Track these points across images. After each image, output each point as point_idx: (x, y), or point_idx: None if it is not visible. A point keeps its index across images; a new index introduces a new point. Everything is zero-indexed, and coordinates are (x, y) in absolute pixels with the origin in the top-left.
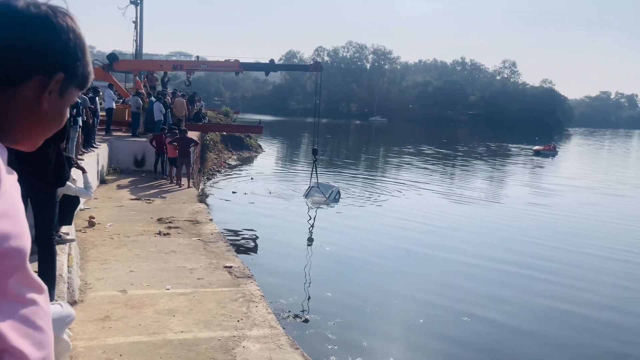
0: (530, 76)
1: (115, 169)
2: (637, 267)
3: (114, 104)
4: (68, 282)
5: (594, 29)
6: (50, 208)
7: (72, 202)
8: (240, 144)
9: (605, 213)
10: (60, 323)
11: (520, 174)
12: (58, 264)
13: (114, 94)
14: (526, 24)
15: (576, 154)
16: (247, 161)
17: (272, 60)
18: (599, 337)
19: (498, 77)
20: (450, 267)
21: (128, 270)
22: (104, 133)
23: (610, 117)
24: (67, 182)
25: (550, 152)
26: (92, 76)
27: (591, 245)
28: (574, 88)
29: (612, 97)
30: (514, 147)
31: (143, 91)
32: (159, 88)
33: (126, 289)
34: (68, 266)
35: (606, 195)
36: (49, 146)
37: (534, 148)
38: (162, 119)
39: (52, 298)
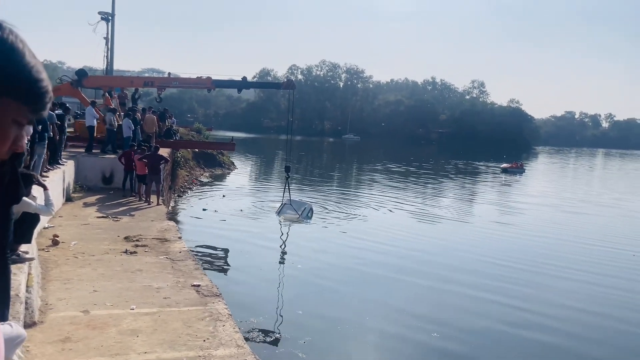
0: (498, 96)
1: (82, 186)
2: (591, 287)
3: (95, 122)
4: (26, 303)
5: (558, 51)
6: (3, 225)
7: (31, 219)
8: (212, 161)
9: (568, 232)
10: (10, 344)
11: (487, 192)
12: (15, 283)
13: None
14: (494, 45)
15: (542, 171)
16: (219, 178)
17: (244, 78)
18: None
19: (467, 97)
20: (418, 288)
21: (92, 289)
22: (82, 150)
23: (575, 136)
24: (27, 200)
25: (518, 170)
26: (43, 94)
27: (551, 266)
28: (540, 108)
29: (576, 116)
30: (483, 165)
31: (116, 107)
32: (129, 104)
33: (89, 309)
34: (27, 286)
35: (570, 213)
36: (2, 163)
37: (502, 166)
38: (131, 135)
39: (5, 318)
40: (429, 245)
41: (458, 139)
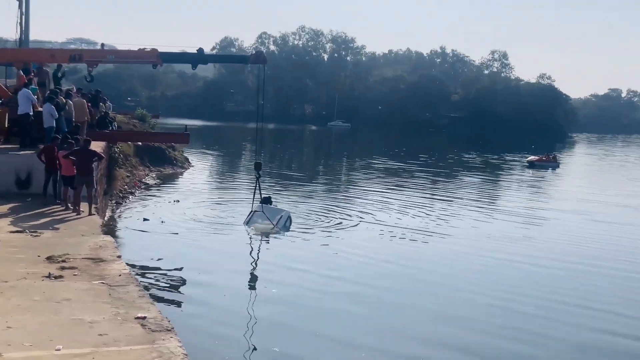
0: (525, 70)
1: None
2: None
3: (31, 109)
4: None
5: (600, 14)
6: None
7: None
8: (161, 158)
9: (603, 254)
10: None
11: (508, 195)
12: None
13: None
14: (520, 6)
15: (581, 166)
16: (170, 179)
17: (200, 50)
18: None
19: (486, 72)
20: (408, 323)
21: (4, 326)
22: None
23: (622, 119)
24: None
25: (549, 164)
26: None
27: (570, 307)
28: (578, 85)
29: (623, 95)
30: (505, 159)
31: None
32: (51, 86)
33: (1, 351)
34: None
35: (607, 224)
36: None
37: (528, 159)
38: (54, 125)
39: None
40: (420, 265)
41: (474, 125)
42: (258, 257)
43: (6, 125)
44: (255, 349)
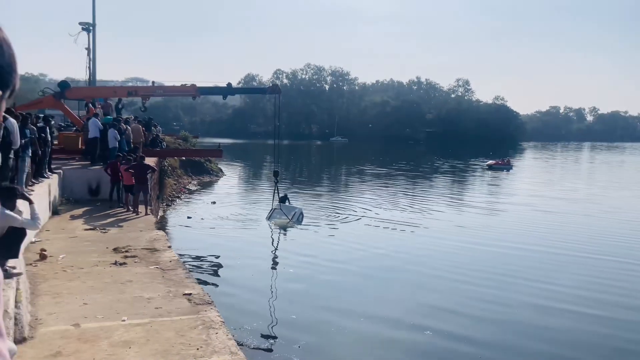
0: (483, 93)
1: (68, 199)
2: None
3: (99, 134)
4: (16, 318)
5: (541, 46)
6: None
7: (18, 234)
8: (200, 169)
9: (547, 238)
10: None
11: (472, 192)
12: (3, 299)
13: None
14: (478, 43)
15: (530, 167)
16: (208, 186)
17: (229, 84)
18: None
19: (453, 96)
20: (412, 293)
21: (82, 303)
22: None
23: (561, 130)
24: (13, 214)
25: (505, 166)
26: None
27: (518, 285)
28: (525, 104)
29: (561, 111)
30: (469, 163)
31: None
32: (114, 115)
33: (79, 322)
34: (16, 301)
35: (553, 214)
36: None
37: (487, 163)
38: (117, 145)
39: None
40: (405, 257)
41: (445, 137)
42: (278, 245)
43: (80, 147)
44: (276, 316)
